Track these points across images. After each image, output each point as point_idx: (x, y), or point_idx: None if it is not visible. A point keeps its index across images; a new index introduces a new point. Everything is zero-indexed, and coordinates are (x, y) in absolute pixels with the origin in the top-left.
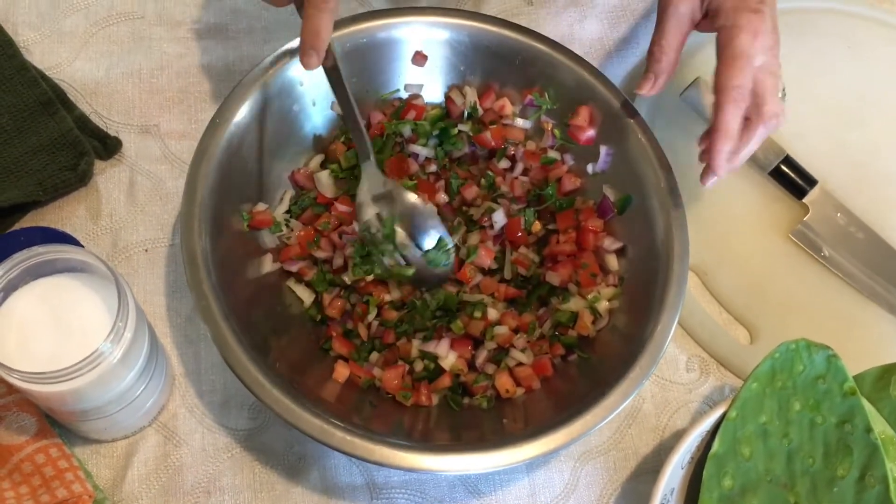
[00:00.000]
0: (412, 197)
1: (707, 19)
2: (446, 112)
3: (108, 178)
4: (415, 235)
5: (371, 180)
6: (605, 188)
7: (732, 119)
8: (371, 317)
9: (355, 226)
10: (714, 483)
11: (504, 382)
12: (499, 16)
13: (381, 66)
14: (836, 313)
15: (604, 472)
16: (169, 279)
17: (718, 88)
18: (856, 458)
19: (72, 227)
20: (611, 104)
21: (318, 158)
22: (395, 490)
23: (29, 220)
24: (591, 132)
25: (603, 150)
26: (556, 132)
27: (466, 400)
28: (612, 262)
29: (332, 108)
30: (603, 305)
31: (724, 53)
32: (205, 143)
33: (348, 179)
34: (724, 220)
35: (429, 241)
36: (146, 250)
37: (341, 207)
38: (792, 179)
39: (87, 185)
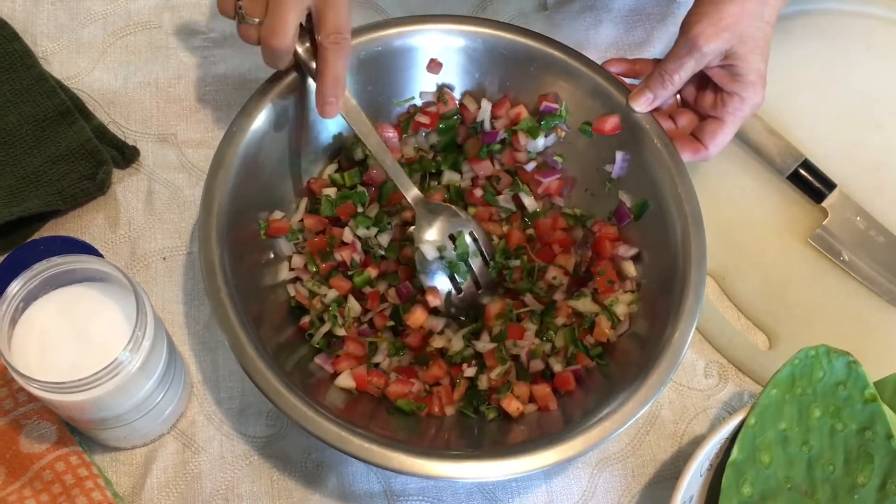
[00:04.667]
0: (465, 214)
1: (722, 69)
2: (461, 119)
3: (127, 186)
4: (480, 249)
5: (425, 211)
6: (620, 194)
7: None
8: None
9: (421, 269)
10: (733, 490)
11: (509, 404)
12: (513, 21)
13: (397, 75)
14: (855, 318)
15: (622, 478)
16: (187, 287)
17: (717, 144)
18: (877, 466)
19: (91, 235)
20: (626, 109)
21: (333, 167)
22: (412, 497)
23: (48, 230)
24: (614, 119)
25: (619, 155)
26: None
27: (483, 407)
28: (629, 268)
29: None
30: (621, 309)
31: (731, 115)
32: (221, 152)
33: (353, 196)
34: (743, 225)
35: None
36: (164, 258)
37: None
38: (810, 183)
39: (105, 194)
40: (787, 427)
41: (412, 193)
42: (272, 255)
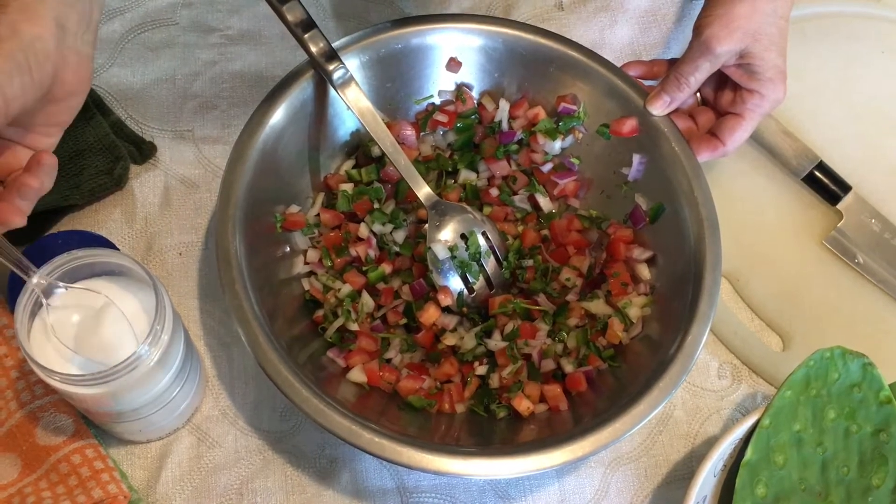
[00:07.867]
0: (478, 214)
1: (739, 68)
2: (478, 119)
3: (143, 182)
4: (493, 249)
5: (437, 211)
6: (637, 197)
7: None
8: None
9: (433, 268)
10: (747, 491)
11: (520, 403)
12: (529, 21)
13: (415, 73)
14: (870, 320)
15: (634, 478)
16: (202, 282)
17: (734, 141)
18: (891, 468)
19: (107, 230)
20: (644, 112)
21: (350, 163)
22: (424, 494)
23: (65, 224)
24: (632, 122)
25: (636, 158)
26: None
27: (493, 406)
28: (644, 271)
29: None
30: (634, 312)
31: (750, 112)
32: (240, 146)
33: (369, 192)
34: (757, 227)
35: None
36: (180, 254)
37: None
38: (826, 185)
39: (122, 189)
40: (801, 428)
41: (425, 193)
42: (288, 249)
